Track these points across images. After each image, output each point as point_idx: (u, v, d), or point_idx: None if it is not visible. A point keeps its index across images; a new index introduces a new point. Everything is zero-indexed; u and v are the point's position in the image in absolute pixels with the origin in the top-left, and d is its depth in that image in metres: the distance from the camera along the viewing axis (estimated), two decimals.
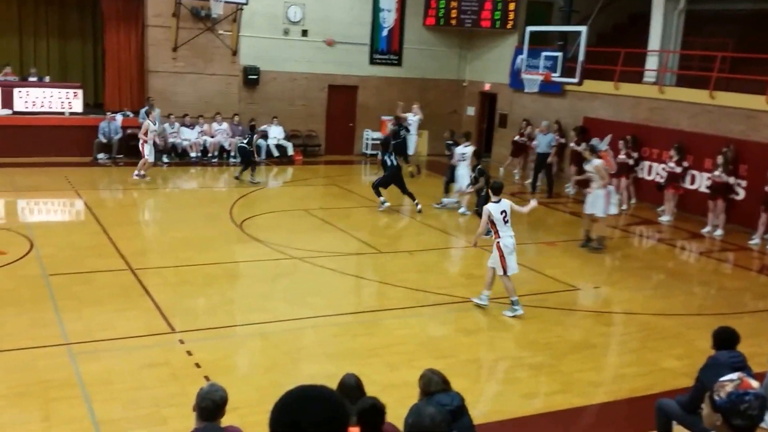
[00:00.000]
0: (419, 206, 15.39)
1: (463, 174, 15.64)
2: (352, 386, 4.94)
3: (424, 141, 23.85)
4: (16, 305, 9.03)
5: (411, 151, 20.38)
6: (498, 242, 9.80)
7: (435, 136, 23.18)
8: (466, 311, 9.99)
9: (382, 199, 15.41)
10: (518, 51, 21.64)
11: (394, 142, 17.12)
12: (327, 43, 19.65)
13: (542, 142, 18.64)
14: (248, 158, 17.72)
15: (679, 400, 6.21)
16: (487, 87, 23.80)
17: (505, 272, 9.80)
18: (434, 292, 10.60)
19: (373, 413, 4.22)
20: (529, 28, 20.38)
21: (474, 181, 14.49)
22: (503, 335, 9.42)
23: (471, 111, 24.50)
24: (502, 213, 9.80)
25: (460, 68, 24.57)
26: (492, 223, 9.80)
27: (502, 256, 9.75)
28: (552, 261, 12.72)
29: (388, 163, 15.48)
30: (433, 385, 4.98)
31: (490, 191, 10.08)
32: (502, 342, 9.23)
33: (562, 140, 19.26)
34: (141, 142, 17.26)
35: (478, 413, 5.45)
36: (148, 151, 17.21)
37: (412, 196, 15.47)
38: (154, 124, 17.37)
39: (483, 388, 7.76)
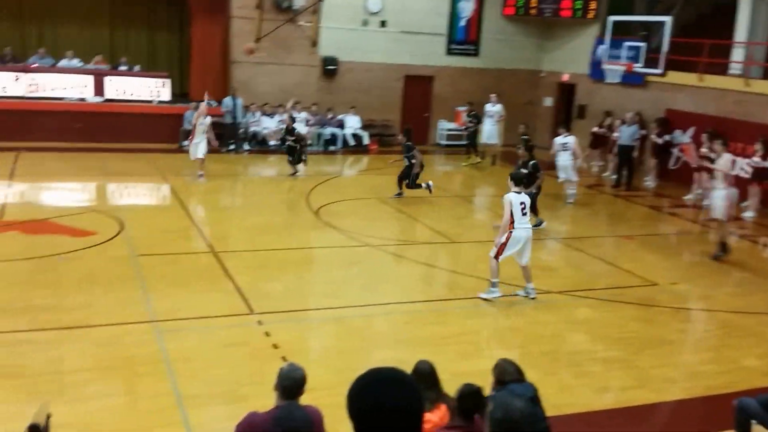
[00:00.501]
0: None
1: (566, 163, 15.61)
2: (426, 373, 5.02)
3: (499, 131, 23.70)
4: (106, 284, 9.49)
5: (486, 140, 20.32)
6: (511, 232, 9.57)
7: (510, 127, 22.99)
8: (539, 303, 9.97)
9: (424, 184, 15.39)
10: (599, 41, 21.29)
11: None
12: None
13: (625, 134, 18.28)
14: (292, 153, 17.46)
15: (761, 400, 6.11)
16: (565, 77, 23.47)
17: (496, 256, 9.66)
18: (507, 283, 10.60)
19: (476, 399, 4.34)
20: (612, 18, 19.99)
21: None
22: (576, 328, 9.38)
23: (548, 102, 24.22)
24: (521, 204, 9.59)
25: (538, 58, 24.29)
26: (511, 212, 9.56)
27: (504, 244, 9.60)
28: (629, 255, 12.55)
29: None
30: (508, 374, 5.00)
31: (512, 181, 9.76)
32: (575, 335, 9.19)
33: (643, 132, 18.86)
34: (189, 141, 16.40)
35: (549, 405, 5.48)
36: (194, 151, 16.15)
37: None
38: (204, 118, 16.26)
39: (555, 380, 7.75)
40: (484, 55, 23.51)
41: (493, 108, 20.44)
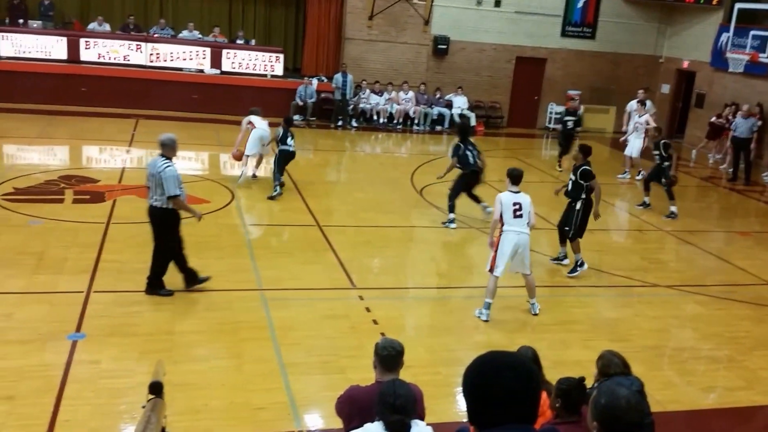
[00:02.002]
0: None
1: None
2: (529, 359, 4.99)
3: (610, 117, 23.13)
4: (218, 250, 9.86)
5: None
6: (500, 235, 8.44)
7: (623, 112, 22.38)
8: (646, 296, 9.74)
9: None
10: (723, 28, 20.33)
11: None
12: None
13: (741, 126, 17.45)
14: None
15: None
16: (685, 64, 22.56)
17: (491, 269, 8.51)
18: (611, 273, 10.39)
19: (580, 392, 4.31)
20: (738, 5, 19.02)
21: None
22: (684, 324, 9.10)
23: (665, 89, 23.35)
24: (515, 204, 8.39)
25: (657, 44, 23.44)
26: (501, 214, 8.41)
27: (494, 256, 8.46)
28: (744, 252, 12.04)
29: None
30: (613, 367, 4.90)
31: (508, 179, 8.64)
32: (683, 331, 8.92)
33: (759, 123, 17.91)
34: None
35: (653, 401, 5.36)
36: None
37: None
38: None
39: (659, 375, 7.56)
40: (600, 38, 22.89)
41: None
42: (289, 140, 13.09)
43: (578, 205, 10.08)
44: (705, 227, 13.50)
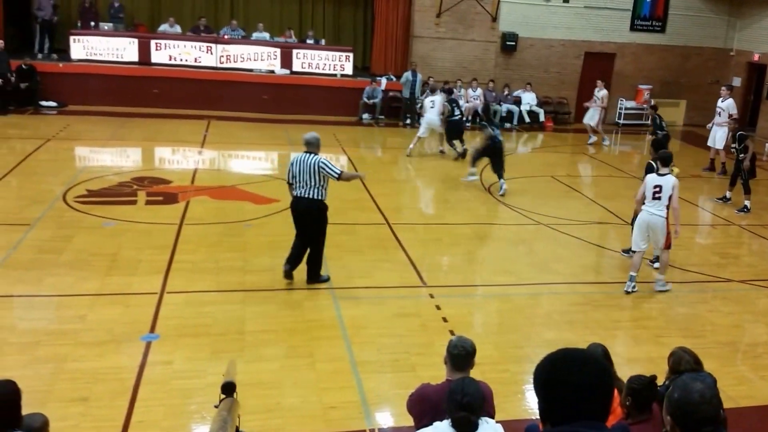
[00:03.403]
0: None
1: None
2: (600, 356, 4.98)
3: (680, 111, 22.62)
4: (288, 250, 9.94)
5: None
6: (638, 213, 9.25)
7: (693, 106, 21.92)
8: (720, 291, 9.54)
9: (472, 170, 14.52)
10: None
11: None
12: None
13: None
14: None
15: None
16: (756, 57, 21.85)
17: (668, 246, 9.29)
18: (683, 269, 10.20)
19: (651, 390, 4.30)
20: None
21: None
22: (758, 319, 8.89)
23: (737, 82, 22.66)
24: (656, 187, 9.00)
25: (727, 36, 22.81)
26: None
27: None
28: None
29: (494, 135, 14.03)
30: (684, 363, 4.86)
31: (658, 161, 9.17)
32: (757, 327, 8.70)
33: None
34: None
35: (726, 397, 5.28)
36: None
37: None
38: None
39: (733, 371, 7.42)
40: (670, 31, 22.41)
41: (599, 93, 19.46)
42: (455, 111, 15.35)
43: None
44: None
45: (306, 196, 8.53)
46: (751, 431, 6.56)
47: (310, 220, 8.67)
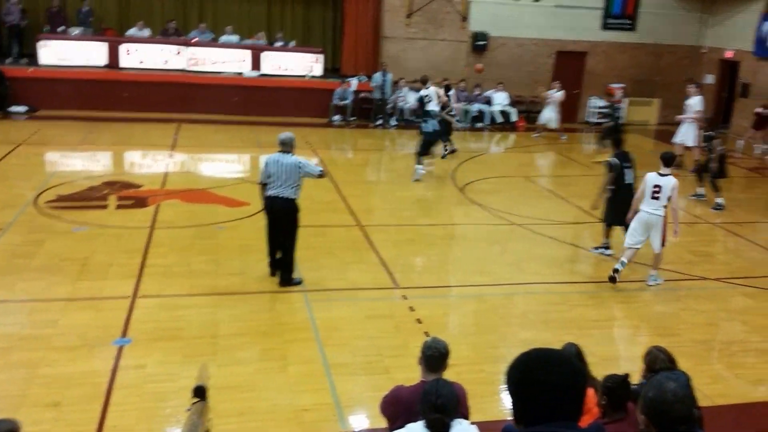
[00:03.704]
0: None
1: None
2: (572, 356, 4.96)
3: (654, 109, 22.79)
4: (259, 252, 9.83)
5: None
6: (636, 212, 9.31)
7: (667, 104, 22.08)
8: (694, 290, 9.55)
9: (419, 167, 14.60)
10: (765, 16, 19.87)
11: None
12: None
13: None
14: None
15: None
16: (728, 54, 22.08)
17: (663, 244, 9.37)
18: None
19: (624, 389, 4.27)
20: None
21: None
22: (733, 317, 8.91)
23: (710, 79, 22.87)
24: (655, 186, 9.07)
25: (699, 34, 23.01)
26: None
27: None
28: None
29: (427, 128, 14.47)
30: (659, 362, 4.89)
31: (661, 161, 9.27)
32: (732, 325, 8.73)
33: None
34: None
35: (701, 395, 5.27)
36: None
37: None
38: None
39: (708, 370, 7.43)
40: (641, 29, 22.56)
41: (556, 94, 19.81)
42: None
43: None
44: (753, 218, 13.21)
45: (281, 195, 8.57)
46: (726, 429, 6.54)
47: (285, 219, 8.71)
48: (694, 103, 15.99)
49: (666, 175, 9.10)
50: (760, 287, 9.64)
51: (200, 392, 4.65)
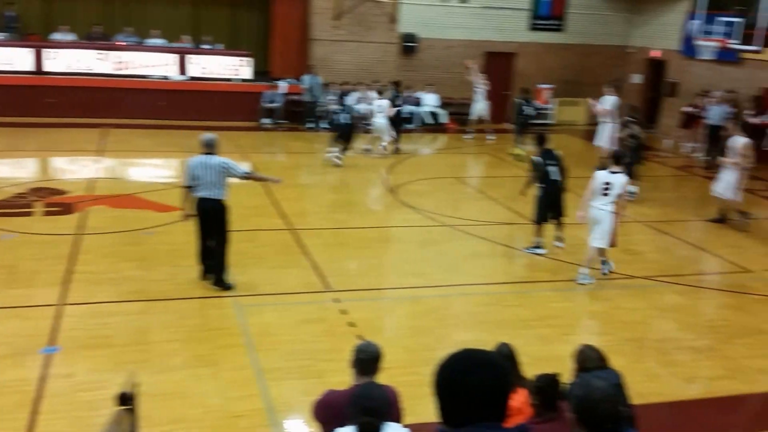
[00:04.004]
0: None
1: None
2: (505, 356, 4.94)
3: (583, 109, 23.21)
4: (189, 258, 9.59)
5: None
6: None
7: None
8: (625, 288, 9.71)
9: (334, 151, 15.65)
10: (691, 16, 20.44)
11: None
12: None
13: (714, 114, 17.54)
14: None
15: None
16: (655, 54, 22.64)
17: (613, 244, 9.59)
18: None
19: (555, 387, 4.25)
20: None
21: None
22: (664, 315, 9.07)
23: (637, 79, 23.41)
24: (605, 184, 9.28)
25: (626, 34, 23.52)
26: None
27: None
28: (721, 240, 12.05)
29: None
30: (590, 361, 4.88)
31: (611, 159, 9.61)
32: (663, 322, 8.89)
33: (734, 111, 18.08)
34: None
35: (635, 394, 5.31)
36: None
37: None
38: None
39: (641, 368, 7.51)
40: (569, 30, 22.93)
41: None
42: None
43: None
44: (681, 216, 13.52)
45: (211, 197, 8.58)
46: (660, 427, 6.62)
47: (216, 219, 8.71)
48: (607, 102, 16.26)
49: (616, 172, 9.31)
50: (690, 285, 9.84)
51: (125, 400, 4.50)
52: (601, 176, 9.33)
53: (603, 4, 23.08)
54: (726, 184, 12.43)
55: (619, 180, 9.27)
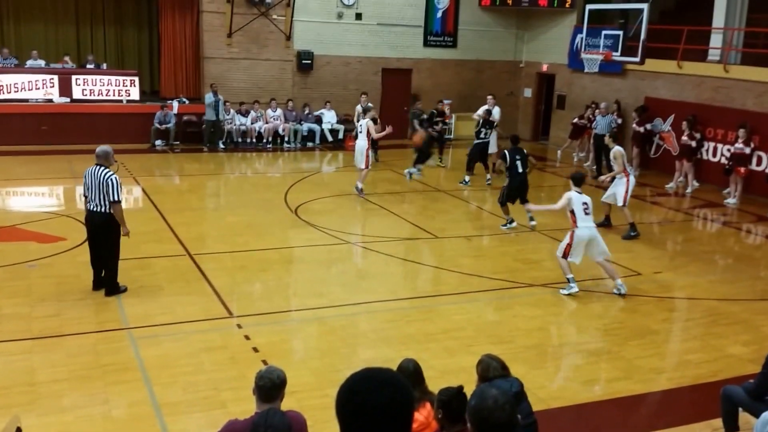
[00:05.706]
0: None
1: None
2: (410, 371, 4.90)
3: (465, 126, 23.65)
4: (78, 291, 9.19)
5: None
6: (574, 231, 9.76)
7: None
8: (523, 297, 9.85)
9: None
10: (577, 30, 21.21)
11: None
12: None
13: (601, 124, 18.21)
14: None
15: (746, 387, 6.01)
16: (544, 68, 23.36)
17: (564, 256, 9.78)
18: (490, 278, 10.46)
19: (459, 400, 4.19)
20: (589, 6, 19.96)
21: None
22: (562, 321, 9.30)
23: (528, 93, 24.08)
24: (584, 204, 9.77)
25: (516, 49, 24.19)
26: (571, 212, 9.77)
27: (569, 244, 9.75)
28: (612, 246, 12.30)
29: None
30: (492, 370, 4.91)
31: (572, 181, 10.00)
32: (561, 328, 9.10)
33: (619, 121, 18.87)
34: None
35: (536, 399, 5.35)
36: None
37: None
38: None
39: (542, 374, 7.63)
40: (462, 46, 23.35)
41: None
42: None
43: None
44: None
45: (98, 210, 8.69)
46: (562, 431, 6.71)
47: (102, 234, 8.80)
48: (483, 111, 16.65)
49: (581, 192, 9.87)
50: (585, 290, 10.07)
51: None
52: (577, 197, 9.78)
53: (492, 20, 23.63)
54: (612, 191, 12.94)
55: (588, 199, 9.89)
